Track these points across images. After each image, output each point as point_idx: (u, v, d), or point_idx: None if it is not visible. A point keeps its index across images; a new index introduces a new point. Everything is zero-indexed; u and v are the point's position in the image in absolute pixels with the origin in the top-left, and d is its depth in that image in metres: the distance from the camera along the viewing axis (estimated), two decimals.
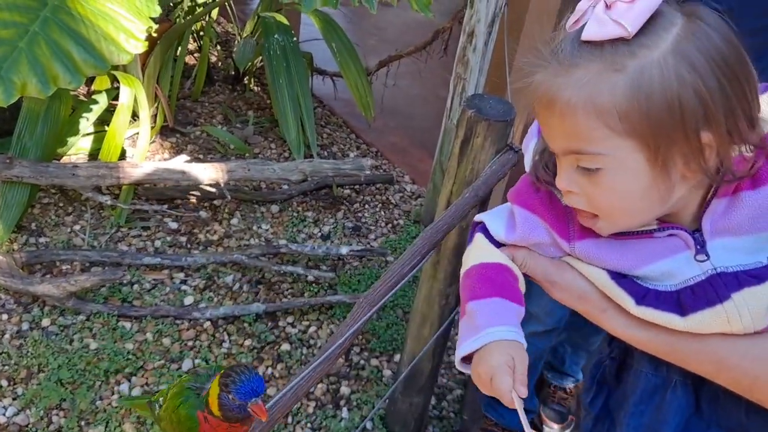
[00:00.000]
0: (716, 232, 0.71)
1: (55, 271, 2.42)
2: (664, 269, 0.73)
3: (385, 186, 3.29)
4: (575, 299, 0.81)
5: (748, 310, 0.68)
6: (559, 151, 0.70)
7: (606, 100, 0.63)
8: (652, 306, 0.73)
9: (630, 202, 0.69)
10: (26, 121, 2.51)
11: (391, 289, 1.31)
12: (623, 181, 0.67)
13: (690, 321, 0.71)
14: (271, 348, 2.32)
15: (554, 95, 0.66)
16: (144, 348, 2.22)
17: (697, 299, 0.71)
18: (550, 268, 0.81)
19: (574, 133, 0.66)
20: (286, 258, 2.67)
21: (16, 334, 2.19)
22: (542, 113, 0.69)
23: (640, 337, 0.76)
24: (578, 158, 0.68)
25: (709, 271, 0.71)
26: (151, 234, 2.68)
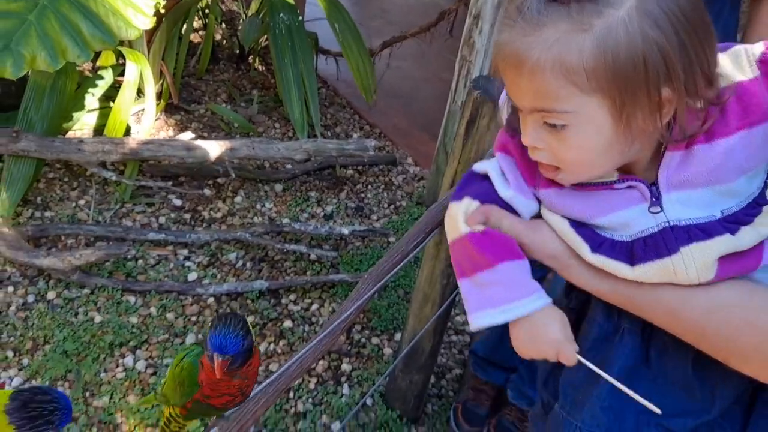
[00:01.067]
0: (672, 185, 0.73)
1: (60, 245, 2.44)
2: (621, 220, 0.76)
3: (388, 167, 3.31)
4: (546, 257, 0.84)
5: (695, 263, 0.71)
6: (526, 109, 0.72)
7: (574, 60, 0.64)
8: (605, 254, 0.76)
9: (592, 155, 0.71)
10: (32, 96, 2.52)
11: (396, 266, 1.33)
12: (587, 137, 0.69)
13: (638, 271, 0.74)
14: (273, 325, 2.35)
15: (523, 55, 0.67)
16: (148, 322, 2.25)
17: (647, 250, 0.74)
18: (523, 229, 0.83)
19: (542, 92, 0.67)
20: (289, 237, 2.69)
21: (22, 306, 2.21)
22: (509, 72, 0.70)
23: (602, 288, 0.79)
24: (544, 116, 0.70)
25: (662, 224, 0.73)
26: (155, 210, 2.70)
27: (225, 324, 0.92)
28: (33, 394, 0.69)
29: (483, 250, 0.82)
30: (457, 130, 1.65)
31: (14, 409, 0.66)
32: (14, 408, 0.66)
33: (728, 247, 0.71)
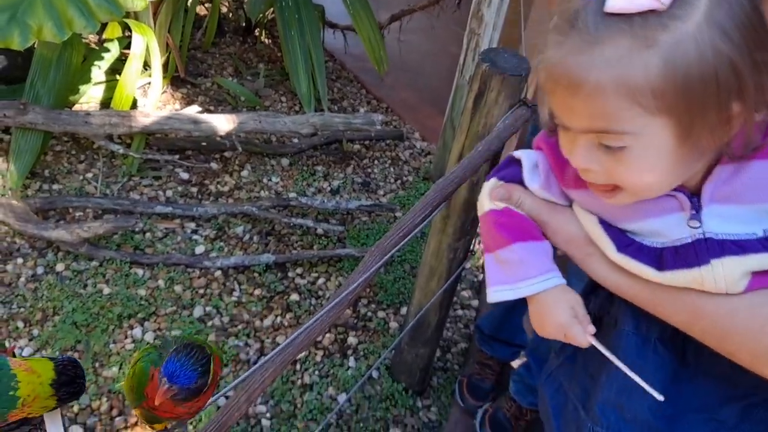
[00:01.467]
0: (715, 199, 0.70)
1: (68, 218, 2.46)
2: (654, 227, 0.74)
3: (394, 142, 3.29)
4: (563, 241, 0.82)
5: (724, 276, 0.68)
6: (579, 130, 0.66)
7: (640, 79, 0.59)
8: (631, 256, 0.74)
9: (655, 177, 0.67)
10: (39, 68, 2.51)
11: (403, 238, 1.33)
12: (649, 158, 0.64)
13: (664, 276, 0.72)
14: (280, 298, 2.37)
15: (579, 76, 0.61)
16: (156, 294, 2.26)
17: (678, 259, 0.71)
18: (544, 209, 0.82)
19: (600, 114, 0.62)
20: (295, 211, 2.69)
21: (31, 277, 2.23)
22: (559, 93, 0.65)
23: (621, 283, 0.77)
24: (601, 137, 0.64)
25: (697, 235, 0.70)
26: (162, 184, 2.71)
27: (187, 355, 0.88)
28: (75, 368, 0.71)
29: (501, 229, 0.83)
30: (465, 104, 1.64)
31: (61, 384, 0.68)
32: (63, 382, 0.68)
33: (763, 265, 0.67)
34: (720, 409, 0.80)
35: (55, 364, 0.71)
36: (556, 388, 0.95)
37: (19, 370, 0.68)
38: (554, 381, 0.96)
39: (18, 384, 0.66)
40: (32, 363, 0.70)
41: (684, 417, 0.82)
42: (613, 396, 0.84)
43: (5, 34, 1.93)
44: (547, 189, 0.84)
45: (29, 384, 0.66)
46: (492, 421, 2.04)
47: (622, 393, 0.83)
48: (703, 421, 0.81)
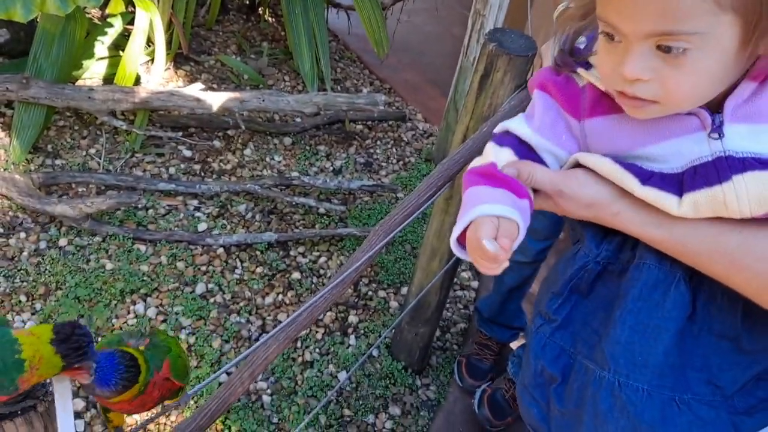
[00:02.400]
0: (737, 116, 0.68)
1: (71, 193, 2.46)
2: (674, 148, 0.71)
3: (397, 123, 3.29)
4: (583, 207, 0.77)
5: (747, 193, 0.66)
6: (638, 35, 0.62)
7: None
8: (656, 186, 0.71)
9: (708, 83, 0.64)
10: (42, 42, 2.50)
11: (406, 218, 1.34)
12: (709, 62, 0.62)
13: (686, 201, 0.69)
14: (282, 276, 2.38)
15: None
16: (158, 271, 2.28)
17: (697, 178, 0.69)
18: (557, 177, 0.77)
19: (668, 12, 0.59)
20: (297, 190, 2.70)
21: (34, 252, 2.24)
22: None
23: (655, 234, 0.74)
24: (663, 39, 0.61)
25: (717, 153, 0.68)
26: (165, 161, 2.71)
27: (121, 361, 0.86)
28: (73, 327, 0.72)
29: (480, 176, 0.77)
30: (470, 85, 1.64)
31: (61, 340, 0.69)
32: (61, 339, 0.69)
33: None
34: (720, 374, 0.78)
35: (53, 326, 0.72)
36: (557, 354, 0.89)
37: (20, 335, 0.69)
38: (553, 347, 0.90)
39: (21, 347, 0.67)
40: (32, 328, 0.71)
41: (684, 372, 0.79)
42: (626, 334, 0.79)
43: (8, 6, 1.92)
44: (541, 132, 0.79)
45: (31, 345, 0.67)
46: (490, 401, 2.06)
47: (636, 331, 0.78)
48: (703, 382, 0.78)
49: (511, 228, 0.71)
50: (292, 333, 1.22)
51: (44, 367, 0.68)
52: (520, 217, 0.72)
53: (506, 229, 0.71)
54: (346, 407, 2.05)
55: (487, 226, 0.70)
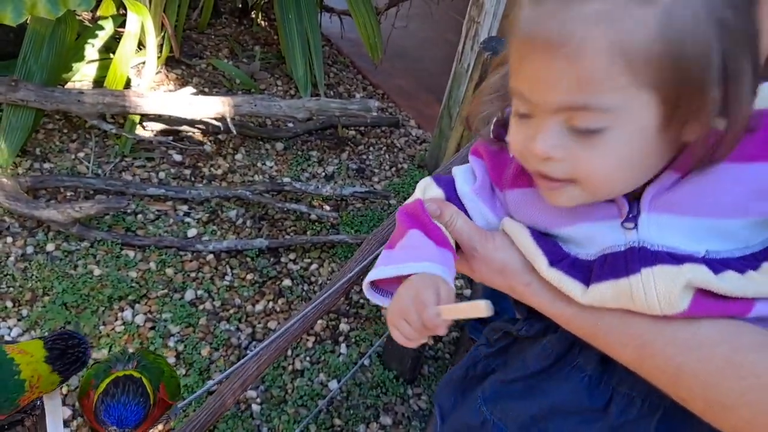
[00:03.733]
0: (656, 206, 0.62)
1: (60, 197, 2.43)
2: (588, 233, 0.67)
3: (390, 129, 3.28)
4: (496, 273, 0.73)
5: (656, 289, 0.60)
6: (549, 108, 0.57)
7: (632, 39, 0.51)
8: (563, 270, 0.67)
9: (625, 169, 0.59)
10: (31, 44, 2.47)
11: None
12: (626, 144, 0.56)
13: (591, 292, 0.65)
14: (272, 283, 2.36)
15: (562, 31, 0.52)
16: (147, 277, 2.24)
17: (605, 269, 0.64)
18: (475, 234, 0.73)
19: (583, 81, 0.53)
20: (289, 196, 2.68)
21: (21, 257, 2.21)
22: (535, 57, 0.55)
23: (565, 312, 0.69)
24: (575, 116, 0.55)
25: (630, 243, 0.63)
26: (155, 165, 2.68)
27: (124, 392, 0.84)
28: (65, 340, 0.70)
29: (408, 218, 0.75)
30: (465, 93, 1.63)
31: (55, 357, 0.67)
32: (55, 357, 0.67)
33: (703, 281, 0.59)
34: None
35: (44, 342, 0.70)
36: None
37: (14, 353, 0.67)
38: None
39: (18, 367, 0.65)
40: (22, 345, 0.69)
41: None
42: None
43: None
44: (480, 195, 0.76)
45: (28, 365, 0.65)
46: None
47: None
48: None
49: (450, 294, 0.65)
50: (284, 343, 1.21)
51: (43, 384, 0.67)
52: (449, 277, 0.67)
53: (447, 296, 0.64)
54: (337, 417, 2.03)
55: (429, 291, 0.63)
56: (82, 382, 0.89)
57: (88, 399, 0.91)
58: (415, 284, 0.65)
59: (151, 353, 0.96)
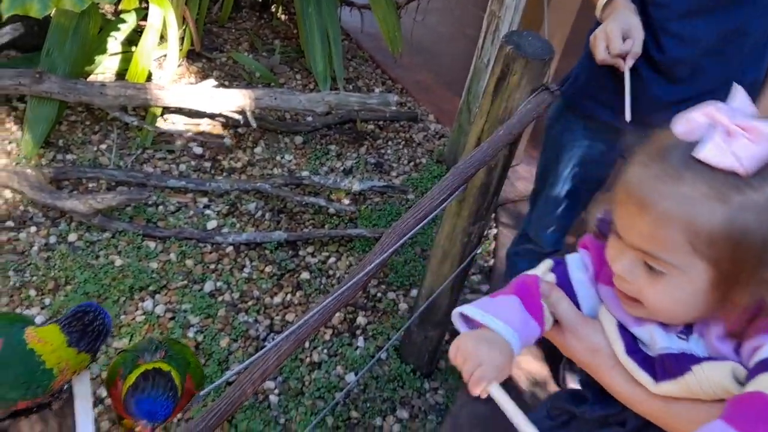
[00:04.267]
0: (702, 333, 0.74)
1: (82, 188, 2.46)
2: (648, 334, 0.78)
3: (409, 124, 3.27)
4: (588, 352, 0.84)
5: (708, 380, 0.71)
6: (630, 243, 0.71)
7: (702, 224, 0.65)
8: (636, 362, 0.78)
9: (678, 308, 0.72)
10: (55, 37, 2.50)
11: (419, 222, 1.32)
12: (681, 291, 0.70)
13: (660, 387, 0.76)
14: (291, 276, 2.37)
15: (652, 200, 0.67)
16: (167, 268, 2.27)
17: (665, 368, 0.75)
18: (574, 317, 0.84)
19: (656, 239, 0.68)
20: (308, 189, 2.69)
21: (44, 246, 2.24)
22: (629, 208, 0.71)
23: (639, 397, 0.79)
24: (647, 257, 0.70)
25: (683, 349, 0.74)
26: (175, 157, 2.70)
27: (153, 386, 0.85)
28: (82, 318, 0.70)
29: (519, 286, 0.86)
30: (486, 88, 1.62)
31: (77, 339, 0.68)
32: (76, 339, 0.68)
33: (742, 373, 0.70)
34: None
35: (61, 326, 0.70)
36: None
37: (34, 344, 0.67)
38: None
39: (41, 358, 0.66)
40: (39, 333, 0.69)
41: None
42: None
43: (25, 2, 1.92)
44: (589, 283, 0.88)
45: (52, 353, 0.66)
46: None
47: None
48: None
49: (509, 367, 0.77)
50: (303, 335, 1.21)
51: (73, 366, 0.67)
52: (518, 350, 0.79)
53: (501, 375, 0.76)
54: (354, 409, 2.04)
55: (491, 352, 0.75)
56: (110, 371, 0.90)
57: (116, 388, 0.93)
58: (484, 338, 0.78)
59: (177, 342, 0.96)
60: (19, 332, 0.68)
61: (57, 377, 0.66)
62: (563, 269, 0.90)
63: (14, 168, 2.36)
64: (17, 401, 0.66)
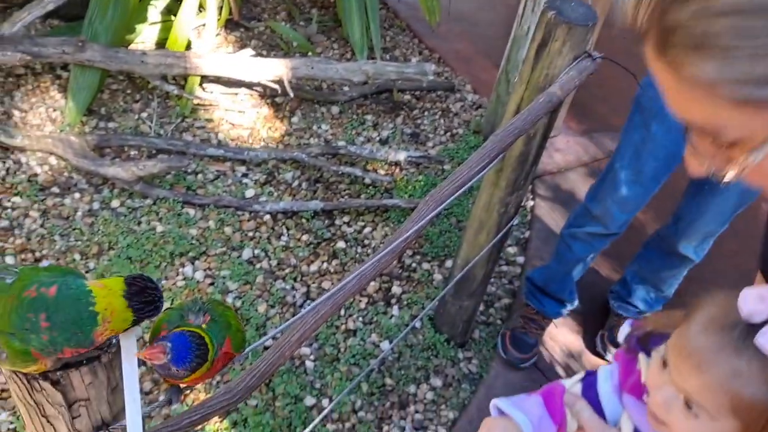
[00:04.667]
0: None
1: (123, 156, 2.51)
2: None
3: (445, 94, 3.24)
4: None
5: None
6: (676, 384, 0.78)
7: (748, 397, 0.72)
8: None
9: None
10: (98, 6, 2.53)
11: (458, 190, 1.32)
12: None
13: None
14: (327, 244, 2.39)
15: (706, 363, 0.74)
16: (207, 235, 2.31)
17: None
18: (597, 424, 0.93)
19: (703, 395, 0.75)
20: (344, 159, 2.69)
21: (88, 212, 2.30)
22: (686, 361, 0.77)
23: None
24: (689, 400, 0.77)
25: None
26: (214, 126, 2.73)
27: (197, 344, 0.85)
28: (143, 280, 0.72)
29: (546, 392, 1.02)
30: (527, 54, 1.59)
31: (133, 293, 0.69)
32: (133, 293, 0.69)
33: None
34: None
35: (125, 278, 0.71)
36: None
37: (94, 287, 0.69)
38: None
39: (94, 299, 0.67)
40: (104, 281, 0.71)
41: None
42: None
43: None
44: (615, 393, 0.97)
45: (104, 297, 0.68)
46: (512, 341, 2.15)
47: None
48: None
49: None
50: (341, 299, 1.23)
51: (116, 321, 0.69)
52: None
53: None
54: (388, 376, 2.07)
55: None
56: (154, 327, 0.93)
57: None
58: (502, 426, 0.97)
59: (221, 304, 0.98)
60: (77, 278, 0.70)
61: (100, 324, 0.67)
62: (591, 380, 1.00)
63: (59, 135, 2.41)
64: (63, 347, 0.68)
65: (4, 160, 2.36)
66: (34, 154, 2.40)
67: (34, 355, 0.68)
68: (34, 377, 0.73)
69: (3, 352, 0.68)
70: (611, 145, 3.20)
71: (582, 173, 3.02)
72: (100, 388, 0.78)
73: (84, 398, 0.77)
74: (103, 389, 0.79)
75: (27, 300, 0.68)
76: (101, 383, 0.78)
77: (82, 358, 0.74)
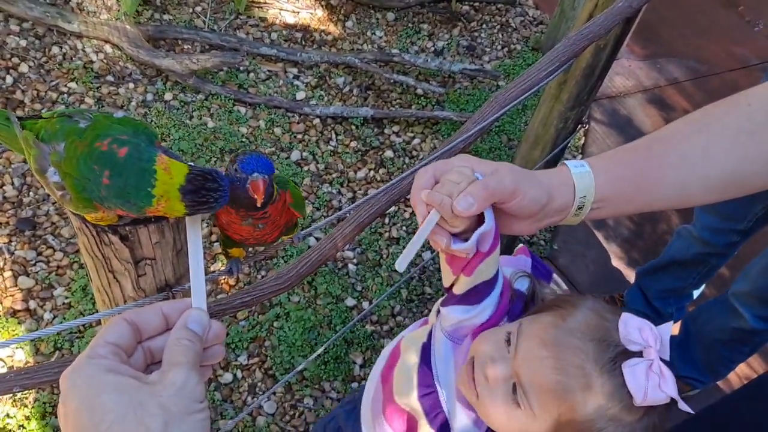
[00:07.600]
0: None
1: (177, 49, 2.49)
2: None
3: (506, 7, 3.11)
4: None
5: None
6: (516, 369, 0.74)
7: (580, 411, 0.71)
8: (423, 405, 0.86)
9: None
10: None
11: (524, 92, 1.27)
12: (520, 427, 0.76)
13: None
14: (375, 153, 2.38)
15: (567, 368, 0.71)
16: (257, 134, 2.31)
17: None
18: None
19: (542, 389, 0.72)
20: (396, 68, 2.63)
21: (141, 103, 2.31)
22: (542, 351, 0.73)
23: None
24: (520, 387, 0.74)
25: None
26: (268, 26, 2.68)
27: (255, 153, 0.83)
28: (205, 180, 0.70)
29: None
30: None
31: (188, 191, 0.68)
32: (189, 190, 0.68)
33: None
34: None
35: (189, 172, 0.70)
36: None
37: (160, 168, 0.68)
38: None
39: (155, 182, 0.67)
40: (172, 164, 0.70)
41: None
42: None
43: None
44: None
45: (164, 184, 0.67)
46: None
47: None
48: None
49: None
50: (396, 195, 1.22)
51: (168, 208, 0.68)
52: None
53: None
54: (428, 285, 2.08)
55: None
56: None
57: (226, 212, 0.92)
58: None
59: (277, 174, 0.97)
60: (153, 151, 0.69)
61: (153, 206, 0.67)
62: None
63: (115, 23, 2.40)
64: (115, 208, 0.69)
65: (60, 45, 2.36)
66: (90, 41, 2.40)
67: (95, 204, 0.69)
68: (103, 230, 0.74)
69: (68, 194, 0.69)
70: (676, 72, 3.06)
71: (641, 99, 2.91)
72: (166, 249, 0.79)
73: (150, 257, 0.79)
74: (168, 250, 0.80)
75: (97, 152, 0.68)
76: (167, 243, 0.79)
77: (151, 216, 0.74)
